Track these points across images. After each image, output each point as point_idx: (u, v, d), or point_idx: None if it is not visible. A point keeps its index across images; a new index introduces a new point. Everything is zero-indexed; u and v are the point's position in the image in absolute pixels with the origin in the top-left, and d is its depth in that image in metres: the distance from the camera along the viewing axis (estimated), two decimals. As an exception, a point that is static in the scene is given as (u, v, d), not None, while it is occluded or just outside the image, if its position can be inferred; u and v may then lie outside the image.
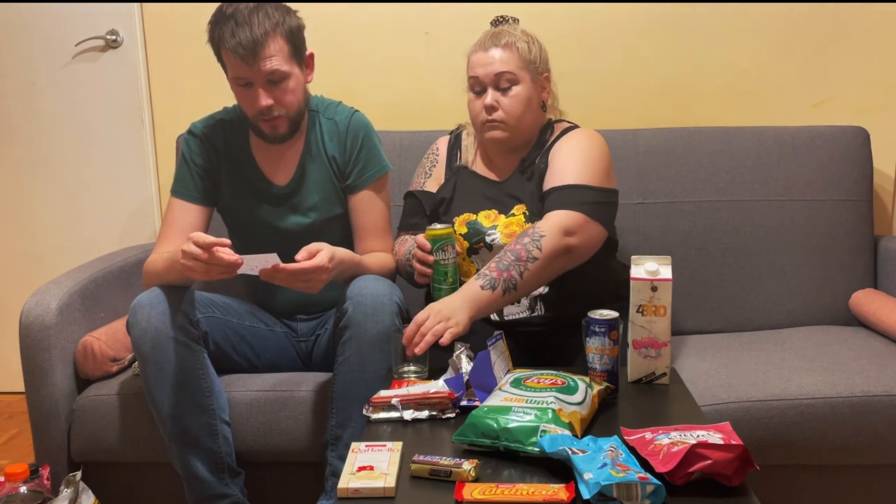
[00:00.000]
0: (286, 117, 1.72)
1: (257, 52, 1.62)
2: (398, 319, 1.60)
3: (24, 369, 1.76)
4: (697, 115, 2.31)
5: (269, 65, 1.64)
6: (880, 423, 1.61)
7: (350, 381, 1.59)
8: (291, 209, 1.82)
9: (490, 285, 1.54)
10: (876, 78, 2.27)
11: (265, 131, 1.74)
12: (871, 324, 1.98)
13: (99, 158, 2.50)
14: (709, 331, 2.09)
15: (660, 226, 2.11)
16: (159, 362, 1.58)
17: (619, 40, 2.31)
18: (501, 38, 1.73)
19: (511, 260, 1.56)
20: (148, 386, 1.61)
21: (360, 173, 1.81)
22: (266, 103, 1.67)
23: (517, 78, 1.71)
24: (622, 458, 1.11)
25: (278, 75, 1.67)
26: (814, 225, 2.10)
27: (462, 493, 1.08)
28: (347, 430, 1.59)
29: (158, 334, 1.57)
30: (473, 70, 1.74)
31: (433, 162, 1.90)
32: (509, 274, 1.55)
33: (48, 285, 1.81)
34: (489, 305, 1.55)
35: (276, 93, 1.68)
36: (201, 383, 1.62)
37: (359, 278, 1.64)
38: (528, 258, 1.56)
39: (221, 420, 1.65)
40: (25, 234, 2.58)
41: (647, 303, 1.47)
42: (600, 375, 1.41)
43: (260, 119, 1.72)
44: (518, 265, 1.56)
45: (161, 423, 1.62)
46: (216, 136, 1.83)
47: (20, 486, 1.65)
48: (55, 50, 2.45)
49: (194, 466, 1.61)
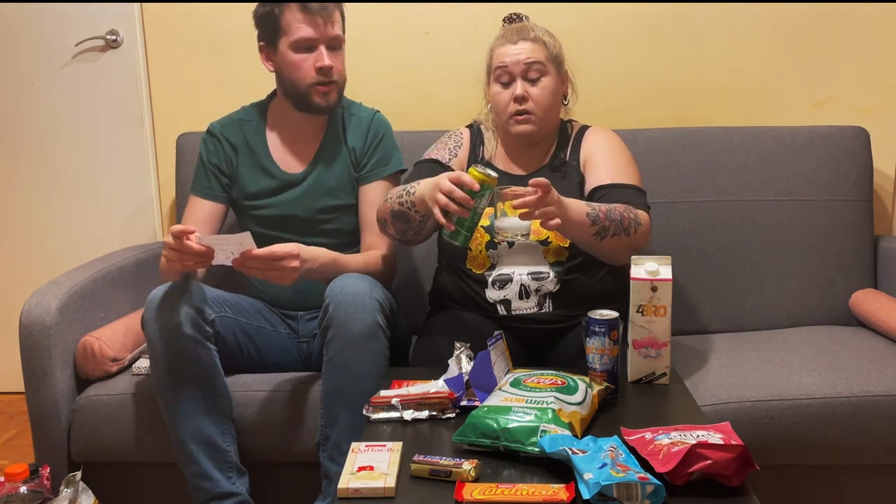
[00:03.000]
0: (338, 85, 1.80)
1: (328, 13, 1.74)
2: (381, 317, 1.59)
3: (24, 369, 1.76)
4: (697, 115, 2.31)
5: (335, 29, 1.76)
6: (880, 423, 1.61)
7: (335, 381, 1.59)
8: (304, 196, 1.86)
9: (593, 219, 1.56)
10: (876, 78, 2.27)
11: (317, 100, 1.79)
12: (871, 324, 1.98)
13: (99, 158, 2.50)
14: (709, 331, 2.09)
15: (660, 226, 2.11)
16: (174, 359, 1.58)
17: (619, 40, 2.31)
18: (528, 32, 1.75)
19: (617, 218, 1.59)
20: (160, 383, 1.61)
21: (374, 165, 1.86)
22: (329, 63, 1.75)
23: (546, 69, 1.73)
24: (622, 458, 1.11)
25: (338, 42, 1.78)
26: (814, 225, 2.10)
27: (462, 493, 1.08)
28: (335, 429, 1.59)
29: (174, 331, 1.57)
30: (502, 60, 1.73)
31: (458, 144, 1.87)
32: (608, 225, 1.57)
33: (48, 285, 1.81)
34: (579, 227, 1.56)
35: (334, 59, 1.77)
36: (215, 381, 1.62)
37: (339, 277, 1.64)
38: (624, 229, 1.59)
39: (230, 419, 1.66)
40: (25, 234, 2.58)
41: (647, 303, 1.47)
42: (600, 375, 1.41)
43: (316, 85, 1.77)
44: (617, 226, 1.58)
45: (171, 420, 1.62)
46: (233, 133, 1.90)
47: (20, 486, 1.65)
48: (55, 50, 2.45)
49: (204, 465, 1.61)
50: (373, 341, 1.57)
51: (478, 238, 1.71)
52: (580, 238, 1.60)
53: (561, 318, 1.69)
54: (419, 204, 1.62)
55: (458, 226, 1.51)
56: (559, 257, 1.69)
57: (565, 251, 1.68)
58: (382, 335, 1.60)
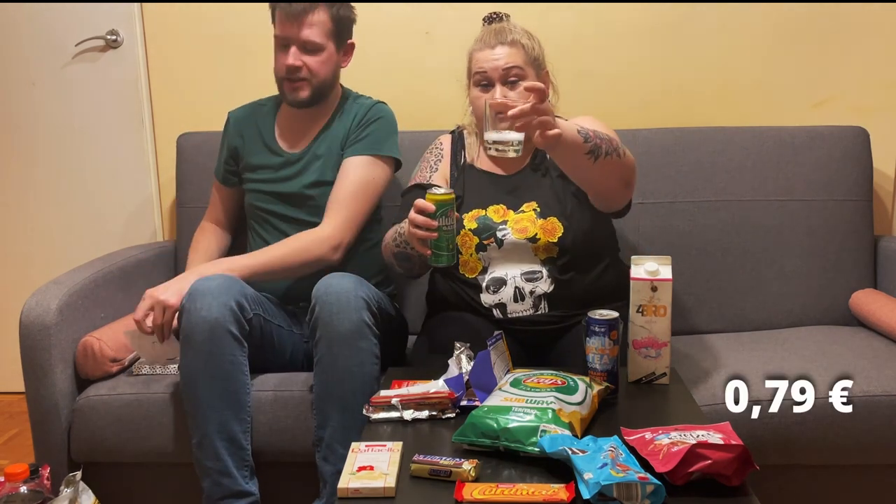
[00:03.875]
0: (309, 83, 1.86)
1: (301, 18, 1.80)
2: (367, 315, 1.59)
3: (24, 369, 1.76)
4: (697, 115, 2.31)
5: (308, 34, 1.81)
6: (880, 423, 1.61)
7: (325, 381, 1.59)
8: (296, 173, 1.91)
9: (585, 137, 1.50)
10: (876, 78, 2.27)
11: (287, 94, 1.88)
12: (871, 324, 1.98)
13: (99, 158, 2.50)
14: (709, 331, 2.09)
15: (660, 226, 2.11)
16: (211, 353, 1.58)
17: (619, 40, 2.31)
18: (506, 35, 1.73)
19: (606, 138, 1.54)
20: (191, 375, 1.60)
21: (357, 140, 1.89)
22: (294, 62, 1.82)
23: (525, 73, 1.72)
24: (622, 458, 1.11)
25: (311, 46, 1.83)
26: (814, 225, 2.10)
27: (462, 493, 1.08)
28: (327, 430, 1.59)
29: (217, 325, 1.57)
30: (480, 65, 1.73)
31: (438, 157, 1.88)
32: (600, 143, 1.52)
33: (48, 285, 1.81)
34: (573, 148, 1.48)
35: (307, 59, 1.84)
36: (245, 379, 1.63)
37: (325, 276, 1.64)
38: (615, 149, 1.55)
39: (251, 418, 1.66)
40: (26, 234, 2.58)
41: (647, 303, 1.47)
42: (600, 375, 1.41)
43: (285, 80, 1.86)
44: (608, 145, 1.54)
45: (197, 415, 1.61)
46: (248, 117, 2.01)
47: (20, 486, 1.65)
48: (55, 50, 2.45)
49: (227, 462, 1.61)
50: (360, 339, 1.57)
51: (467, 242, 1.71)
52: (575, 159, 1.52)
53: (557, 320, 1.69)
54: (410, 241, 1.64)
55: (436, 249, 1.51)
56: (549, 254, 1.68)
57: (555, 247, 1.68)
58: (370, 333, 1.59)
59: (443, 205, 1.49)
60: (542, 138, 1.39)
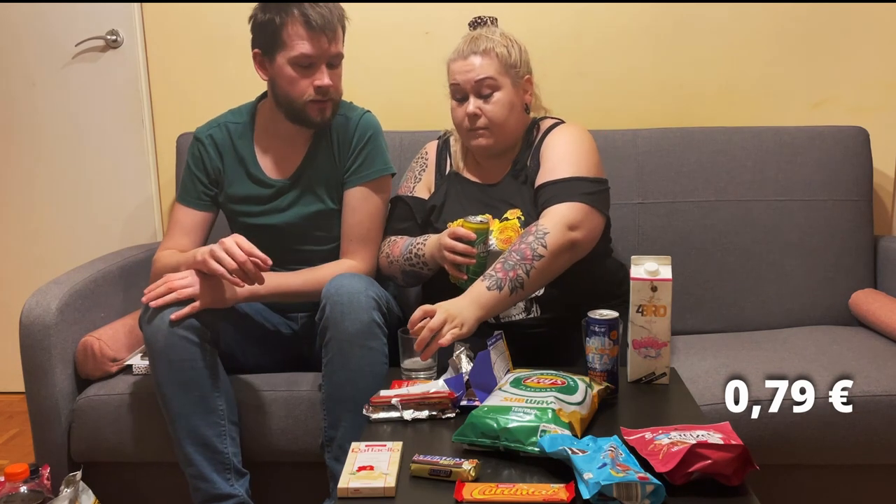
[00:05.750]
0: (333, 101, 1.76)
1: (332, 30, 1.70)
2: (377, 315, 1.59)
3: (24, 369, 1.76)
4: (697, 115, 2.31)
5: (337, 46, 1.72)
6: (880, 423, 1.61)
7: (336, 382, 1.59)
8: (292, 203, 1.83)
9: (497, 285, 1.53)
10: (875, 78, 2.27)
11: (313, 116, 1.75)
12: (871, 324, 1.98)
13: (99, 158, 2.50)
14: (709, 331, 2.08)
15: (660, 226, 2.11)
16: (171, 360, 1.58)
17: (619, 41, 2.31)
18: (480, 43, 1.71)
19: (517, 259, 1.55)
20: (158, 383, 1.61)
21: (357, 169, 1.81)
22: (328, 82, 1.71)
23: (498, 84, 1.71)
24: (622, 457, 1.11)
25: (339, 59, 1.74)
26: (813, 225, 2.10)
27: (462, 493, 1.08)
28: (339, 430, 1.59)
29: (171, 333, 1.57)
30: (454, 78, 1.73)
31: (422, 167, 1.89)
32: (515, 273, 1.54)
33: (48, 285, 1.81)
34: (496, 306, 1.54)
35: (333, 76, 1.74)
36: (211, 383, 1.62)
37: (334, 277, 1.63)
38: (533, 256, 1.56)
39: (230, 420, 1.65)
40: (26, 234, 2.58)
41: (647, 303, 1.47)
42: (600, 375, 1.41)
43: (312, 101, 1.73)
44: (524, 264, 1.55)
45: (170, 421, 1.63)
46: (221, 138, 1.86)
47: (20, 486, 1.65)
48: (55, 50, 2.45)
49: (201, 466, 1.61)
50: (371, 339, 1.57)
51: None
52: (514, 301, 1.57)
53: (549, 322, 1.69)
54: (430, 263, 1.71)
55: (472, 274, 1.62)
56: None
57: None
58: (380, 333, 1.59)
59: (482, 233, 1.62)
60: (453, 336, 1.45)
